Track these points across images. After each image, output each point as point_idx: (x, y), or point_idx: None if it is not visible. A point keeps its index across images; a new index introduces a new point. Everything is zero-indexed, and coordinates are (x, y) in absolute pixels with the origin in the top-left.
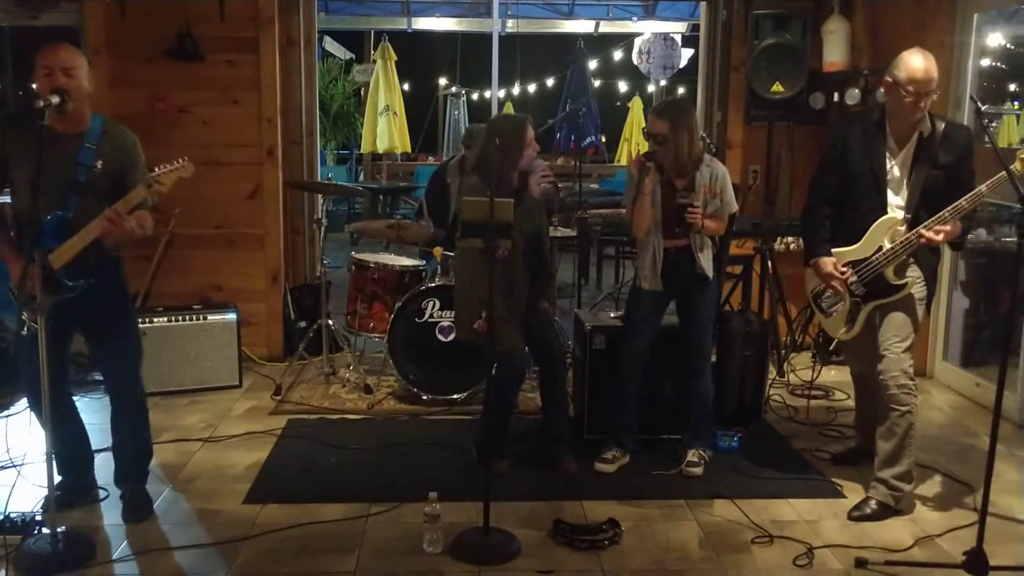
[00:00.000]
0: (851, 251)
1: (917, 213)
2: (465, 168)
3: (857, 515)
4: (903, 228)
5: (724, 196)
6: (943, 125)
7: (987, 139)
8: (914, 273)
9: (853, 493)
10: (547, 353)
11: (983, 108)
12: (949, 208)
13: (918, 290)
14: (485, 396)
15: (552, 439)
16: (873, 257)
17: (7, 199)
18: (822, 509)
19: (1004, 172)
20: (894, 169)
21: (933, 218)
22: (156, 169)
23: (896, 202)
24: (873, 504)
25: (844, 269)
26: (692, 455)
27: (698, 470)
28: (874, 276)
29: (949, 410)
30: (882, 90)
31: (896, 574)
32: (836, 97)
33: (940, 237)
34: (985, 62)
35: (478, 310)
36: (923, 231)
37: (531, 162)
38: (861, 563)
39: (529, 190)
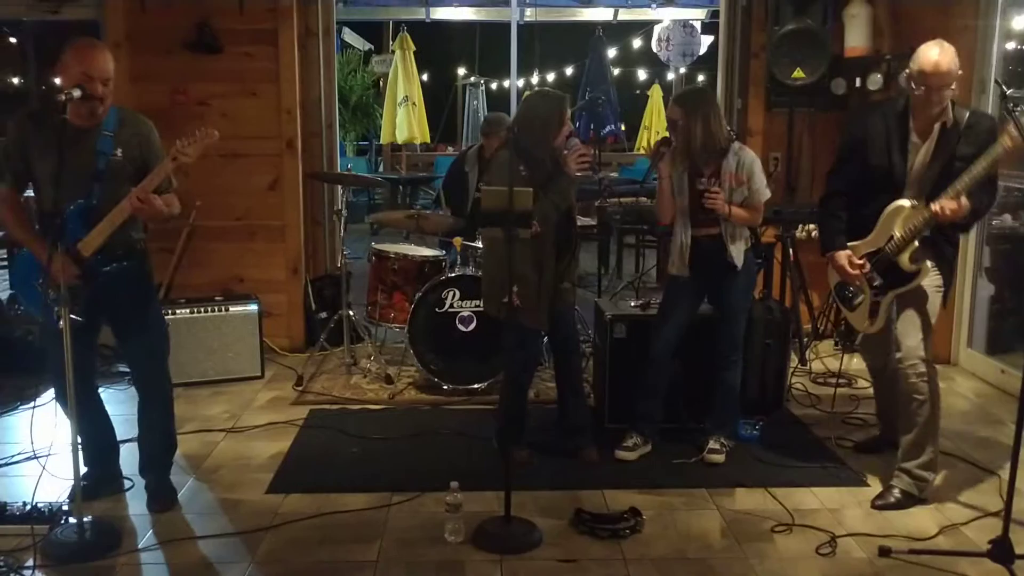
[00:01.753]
0: (865, 243)
1: (930, 200)
2: (484, 157)
3: (881, 504)
4: (913, 213)
5: (752, 184)
6: (967, 115)
7: (1013, 124)
8: (930, 262)
9: (876, 482)
10: (565, 340)
11: (1008, 92)
12: (949, 188)
13: (934, 279)
14: (502, 385)
15: (572, 428)
16: (886, 246)
17: (31, 193)
18: (845, 498)
19: (998, 146)
20: (915, 163)
21: (941, 195)
22: (178, 142)
23: (913, 191)
24: (897, 493)
25: (860, 261)
26: (713, 442)
27: (719, 457)
28: (889, 265)
29: (974, 397)
30: (904, 74)
31: (920, 563)
32: (858, 82)
33: (948, 214)
34: (1010, 45)
35: (509, 286)
36: (933, 206)
37: (565, 140)
38: (885, 552)
39: (566, 169)
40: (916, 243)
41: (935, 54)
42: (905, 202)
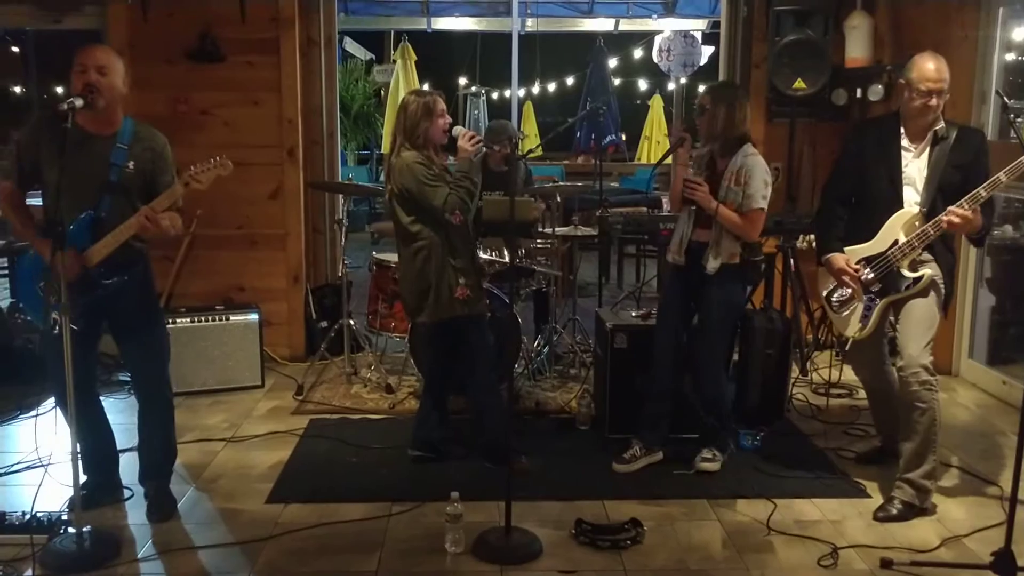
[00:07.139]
0: (865, 247)
1: (934, 206)
2: (488, 165)
3: (882, 515)
4: (919, 222)
5: (747, 189)
6: (956, 130)
7: (1013, 134)
8: (931, 269)
9: (878, 493)
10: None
11: (1009, 103)
12: (968, 196)
13: (935, 287)
14: (476, 396)
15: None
16: (888, 251)
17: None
18: (846, 509)
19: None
20: (910, 167)
21: (952, 205)
22: (192, 168)
23: (912, 198)
24: (898, 504)
25: (857, 266)
26: (706, 451)
27: (712, 465)
28: (889, 271)
29: (975, 408)
30: (899, 84)
31: (922, 575)
32: (859, 93)
33: (958, 221)
34: (1010, 56)
35: (455, 279)
36: (942, 216)
37: (443, 133)
38: (886, 563)
39: (464, 154)
40: (919, 251)
41: (933, 63)
42: (914, 208)
